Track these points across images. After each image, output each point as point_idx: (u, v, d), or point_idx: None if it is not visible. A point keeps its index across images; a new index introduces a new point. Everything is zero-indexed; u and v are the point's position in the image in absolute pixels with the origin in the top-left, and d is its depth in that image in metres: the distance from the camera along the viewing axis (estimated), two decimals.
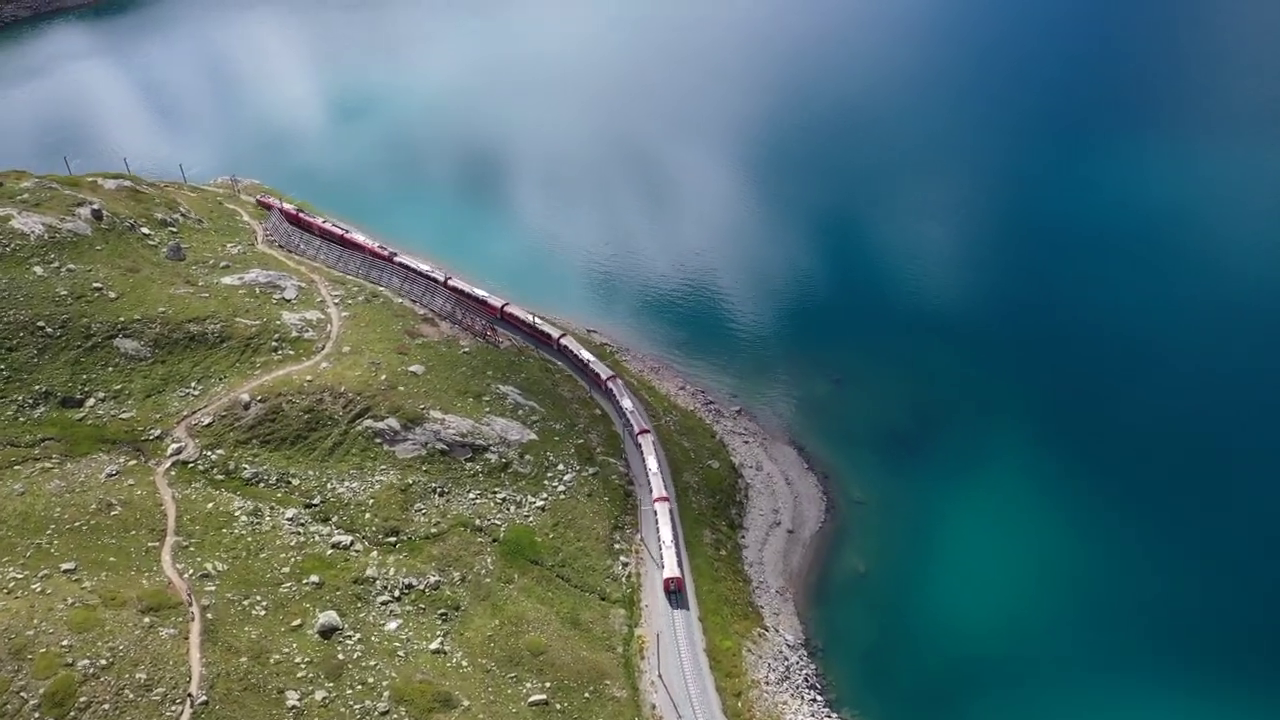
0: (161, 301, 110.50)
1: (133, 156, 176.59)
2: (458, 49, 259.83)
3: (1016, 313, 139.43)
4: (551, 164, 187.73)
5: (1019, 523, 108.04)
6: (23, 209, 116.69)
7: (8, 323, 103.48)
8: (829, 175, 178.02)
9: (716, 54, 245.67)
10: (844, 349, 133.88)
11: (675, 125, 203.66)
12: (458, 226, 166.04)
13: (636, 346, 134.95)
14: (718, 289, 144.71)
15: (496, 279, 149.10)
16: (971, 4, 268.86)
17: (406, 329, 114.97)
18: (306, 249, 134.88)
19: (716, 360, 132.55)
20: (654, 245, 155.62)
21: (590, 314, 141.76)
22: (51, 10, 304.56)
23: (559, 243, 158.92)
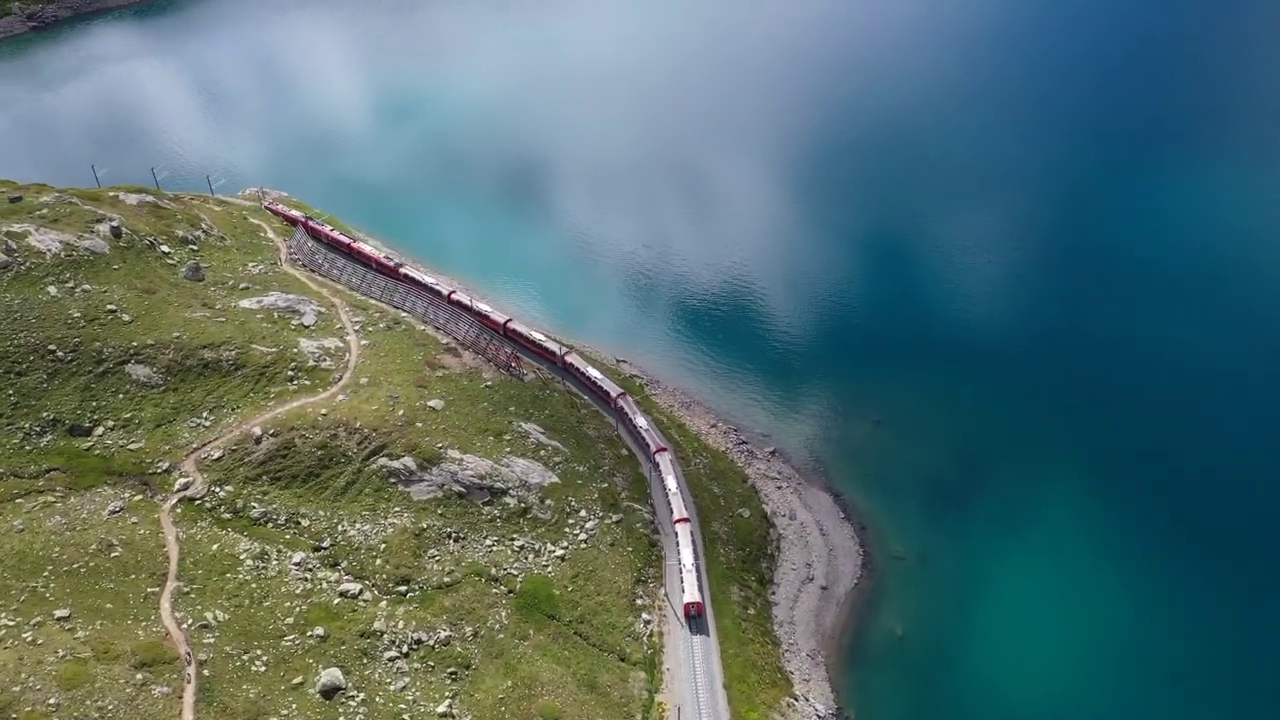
0: (176, 325, 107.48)
1: (163, 164, 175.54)
2: (499, 54, 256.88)
3: (1071, 351, 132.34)
4: (587, 178, 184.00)
5: (1072, 584, 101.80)
6: (41, 225, 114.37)
7: (18, 345, 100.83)
8: (872, 196, 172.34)
9: (761, 61, 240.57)
10: (885, 386, 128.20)
11: (716, 139, 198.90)
12: (487, 243, 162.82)
13: (667, 378, 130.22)
14: (753, 318, 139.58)
15: (525, 300, 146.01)
16: (1030, 12, 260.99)
17: (427, 359, 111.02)
18: (330, 269, 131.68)
19: (750, 395, 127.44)
20: (689, 270, 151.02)
21: (620, 342, 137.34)
22: (92, 10, 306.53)
23: (591, 263, 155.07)
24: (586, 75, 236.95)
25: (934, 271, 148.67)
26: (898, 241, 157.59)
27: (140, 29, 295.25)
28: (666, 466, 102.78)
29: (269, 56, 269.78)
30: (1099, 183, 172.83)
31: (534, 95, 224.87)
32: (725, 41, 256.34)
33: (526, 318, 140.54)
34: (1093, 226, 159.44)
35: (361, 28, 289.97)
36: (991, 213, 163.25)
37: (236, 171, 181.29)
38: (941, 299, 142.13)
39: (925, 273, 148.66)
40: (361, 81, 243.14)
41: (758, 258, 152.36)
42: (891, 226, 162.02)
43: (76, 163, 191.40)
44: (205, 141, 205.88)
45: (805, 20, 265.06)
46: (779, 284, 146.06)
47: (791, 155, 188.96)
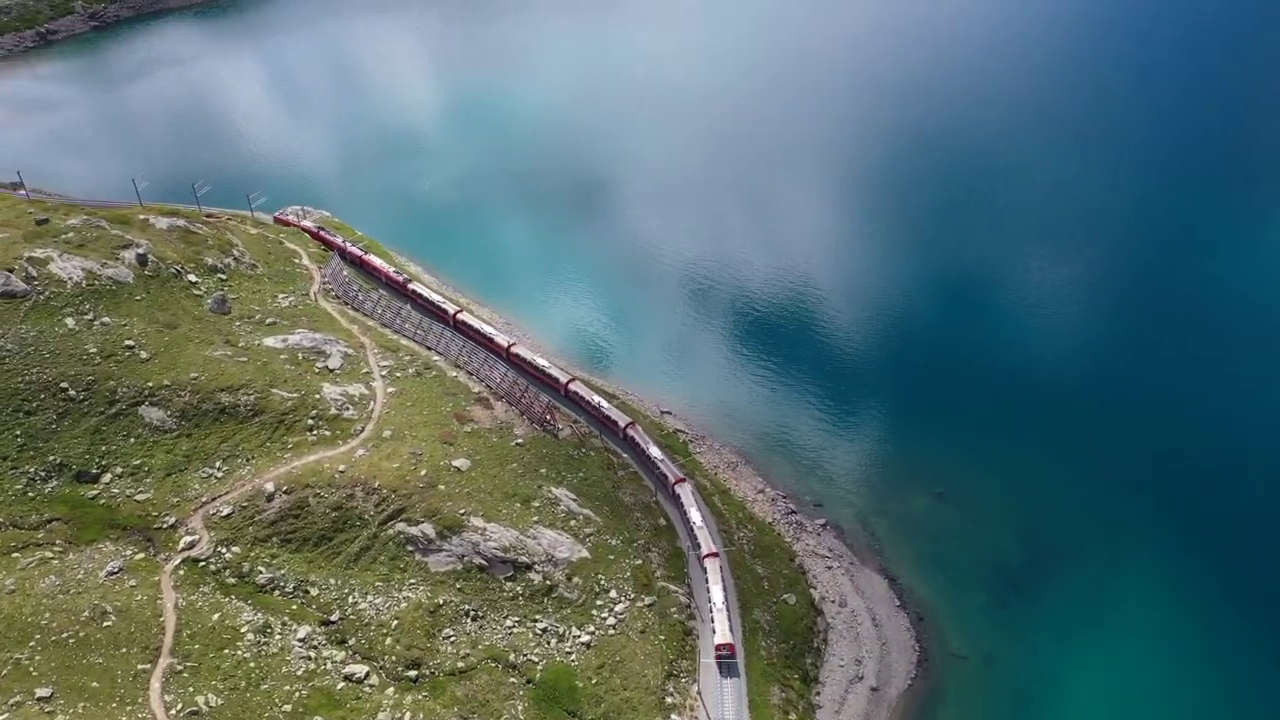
0: (195, 364, 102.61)
1: (207, 177, 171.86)
2: (561, 65, 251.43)
3: (1160, 419, 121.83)
4: (642, 203, 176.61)
5: (1153, 693, 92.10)
6: (65, 250, 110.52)
7: (30, 382, 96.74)
8: (941, 235, 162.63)
9: (829, 80, 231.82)
10: (948, 452, 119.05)
11: (779, 166, 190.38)
12: (534, 272, 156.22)
13: (714, 434, 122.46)
14: (808, 371, 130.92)
15: (572, 341, 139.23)
16: (1116, 40, 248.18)
17: (456, 411, 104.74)
18: (364, 302, 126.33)
19: (802, 457, 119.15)
20: (742, 313, 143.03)
21: (666, 390, 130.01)
22: (154, 10, 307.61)
23: (640, 300, 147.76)
24: (647, 89, 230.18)
25: (1006, 323, 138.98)
26: (967, 288, 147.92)
27: (199, 31, 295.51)
28: (715, 575, 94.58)
29: (324, 63, 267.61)
30: (1192, 226, 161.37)
31: (594, 110, 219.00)
32: (793, 58, 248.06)
33: (564, 356, 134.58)
34: (1184, 275, 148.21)
35: (422, 35, 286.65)
36: (1071, 257, 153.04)
37: (280, 186, 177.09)
38: (1015, 356, 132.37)
39: (997, 325, 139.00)
40: (417, 92, 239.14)
41: (815, 303, 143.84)
42: (961, 270, 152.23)
43: (122, 170, 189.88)
44: (251, 153, 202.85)
45: (876, 41, 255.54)
46: (837, 333, 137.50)
47: (856, 187, 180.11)
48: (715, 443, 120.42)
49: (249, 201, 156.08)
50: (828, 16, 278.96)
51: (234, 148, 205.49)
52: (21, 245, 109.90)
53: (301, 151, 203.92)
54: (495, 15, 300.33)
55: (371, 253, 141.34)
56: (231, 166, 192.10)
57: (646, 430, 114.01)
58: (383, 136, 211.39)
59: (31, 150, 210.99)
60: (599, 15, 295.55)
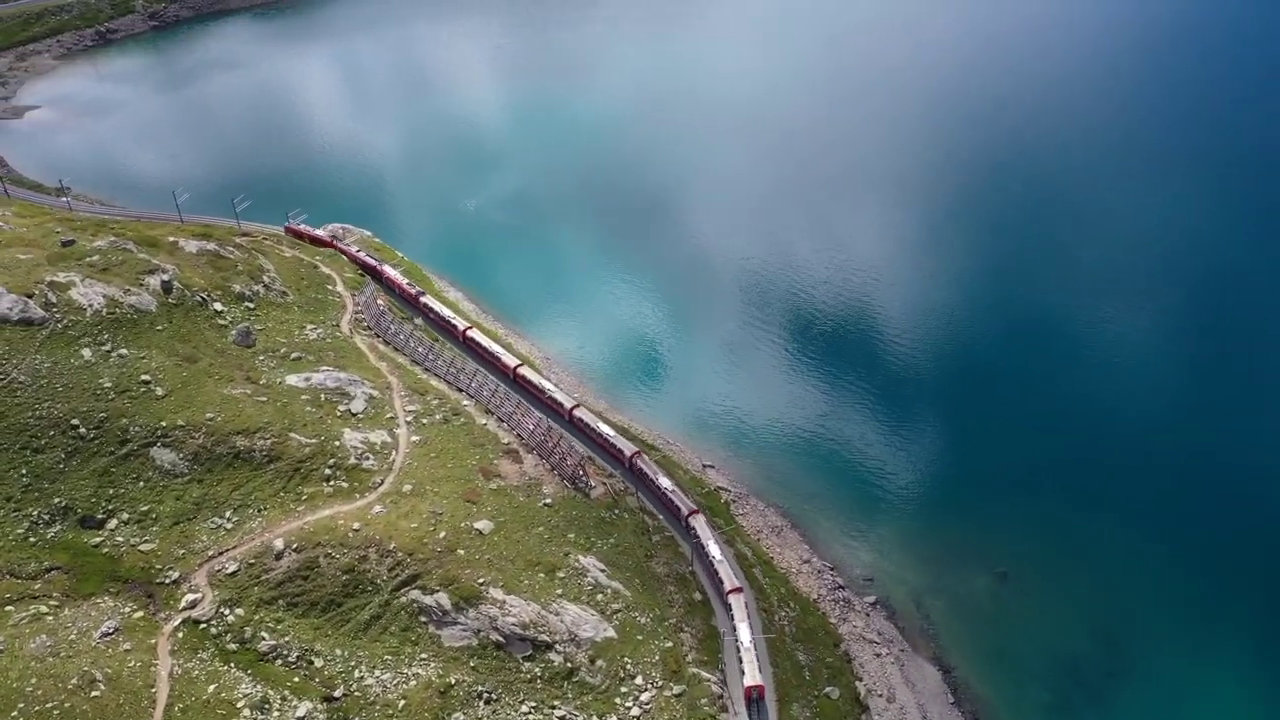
0: (212, 404, 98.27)
1: (250, 189, 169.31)
2: (623, 76, 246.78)
3: (1263, 499, 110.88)
4: (703, 229, 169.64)
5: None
6: (88, 275, 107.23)
7: (40, 417, 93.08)
8: (1012, 274, 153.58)
9: (908, 98, 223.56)
10: (1015, 526, 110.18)
11: (846, 189, 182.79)
12: (580, 308, 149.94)
13: (759, 492, 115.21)
14: (864, 428, 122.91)
15: (615, 382, 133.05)
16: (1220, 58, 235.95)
17: (482, 465, 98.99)
18: (397, 334, 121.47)
19: (853, 523, 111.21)
20: (794, 364, 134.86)
21: (710, 440, 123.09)
22: (213, 10, 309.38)
23: (692, 343, 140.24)
24: (710, 104, 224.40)
25: (1084, 380, 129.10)
26: (1041, 338, 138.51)
27: (256, 33, 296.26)
28: (740, 611, 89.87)
29: (378, 71, 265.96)
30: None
31: (654, 126, 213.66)
32: (866, 74, 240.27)
33: (604, 398, 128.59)
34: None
35: (482, 44, 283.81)
36: (1158, 307, 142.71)
37: (323, 202, 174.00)
38: (1094, 418, 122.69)
39: (1073, 381, 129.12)
40: (473, 104, 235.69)
41: (874, 353, 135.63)
42: (1034, 317, 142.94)
43: (169, 176, 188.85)
44: (296, 165, 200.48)
45: (956, 60, 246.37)
46: (895, 387, 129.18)
47: (923, 219, 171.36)
48: (760, 503, 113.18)
49: (287, 219, 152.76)
50: (906, 31, 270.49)
51: (279, 158, 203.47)
52: (44, 268, 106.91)
53: (348, 165, 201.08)
54: (557, 25, 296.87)
55: (413, 281, 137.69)
56: (275, 179, 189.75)
57: (684, 485, 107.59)
58: (433, 150, 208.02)
59: (82, 152, 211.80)
60: (664, 26, 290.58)
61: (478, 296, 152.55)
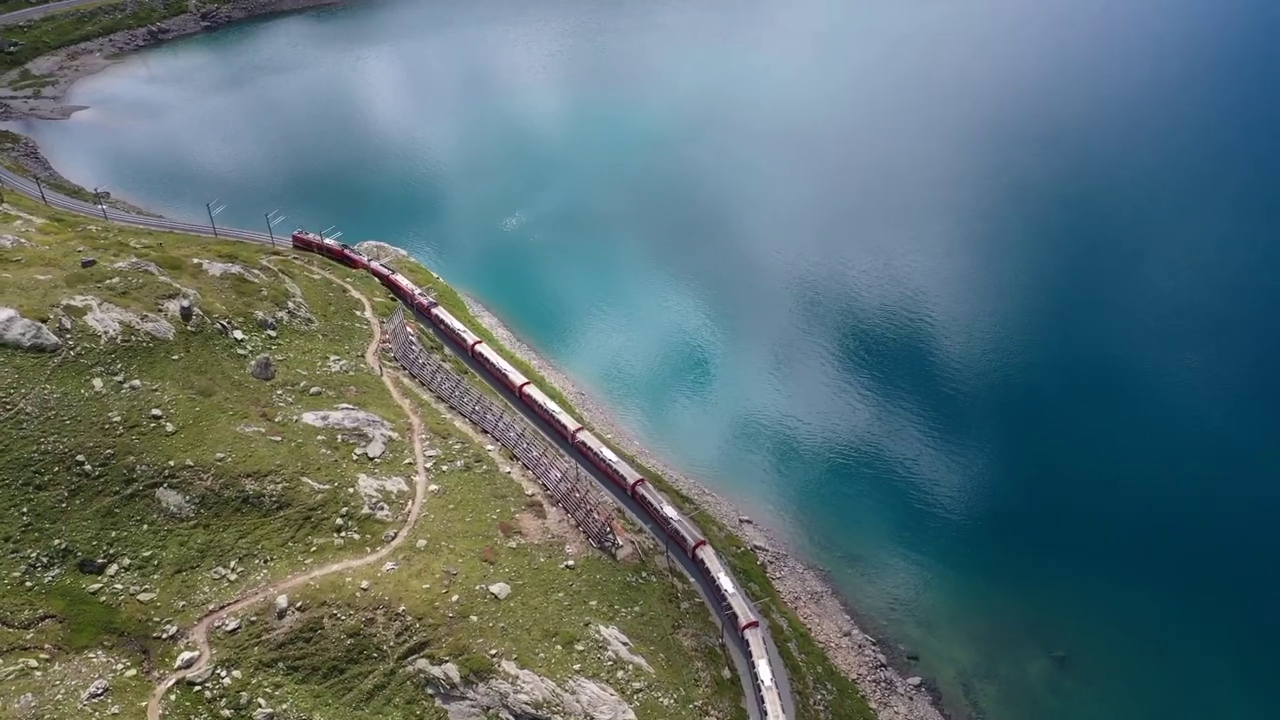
0: (224, 443, 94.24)
1: (286, 203, 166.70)
2: (679, 86, 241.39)
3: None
4: (750, 254, 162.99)
5: None
6: (106, 299, 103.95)
7: (45, 452, 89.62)
8: (1082, 318, 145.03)
9: (971, 116, 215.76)
10: (1077, 603, 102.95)
11: (903, 213, 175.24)
12: (617, 339, 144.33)
13: (799, 552, 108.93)
14: (915, 486, 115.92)
15: (650, 423, 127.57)
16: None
17: (503, 520, 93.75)
18: (424, 367, 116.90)
19: (899, 593, 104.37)
20: (844, 413, 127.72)
21: (750, 493, 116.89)
22: (265, 12, 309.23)
23: (733, 385, 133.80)
24: (766, 117, 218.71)
25: (1159, 441, 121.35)
26: (1114, 388, 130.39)
27: (306, 35, 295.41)
28: (758, 646, 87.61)
29: (425, 78, 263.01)
30: None
31: (705, 140, 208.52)
32: (927, 89, 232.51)
33: (638, 438, 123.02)
34: None
35: (532, 51, 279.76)
36: (1244, 361, 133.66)
37: (360, 217, 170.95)
38: (1168, 486, 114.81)
39: (1146, 442, 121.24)
40: (520, 114, 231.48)
41: (929, 405, 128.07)
42: (1108, 364, 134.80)
43: (207, 185, 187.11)
44: (335, 176, 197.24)
45: (1025, 75, 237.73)
46: (951, 444, 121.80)
47: (984, 252, 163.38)
48: (798, 565, 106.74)
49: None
50: (974, 47, 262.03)
51: (318, 168, 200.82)
52: (62, 290, 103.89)
53: (387, 177, 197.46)
54: (610, 34, 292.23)
55: (425, 290, 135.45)
56: (312, 190, 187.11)
57: (718, 545, 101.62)
58: (477, 163, 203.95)
59: (125, 156, 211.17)
60: (719, 37, 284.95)
61: (513, 323, 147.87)
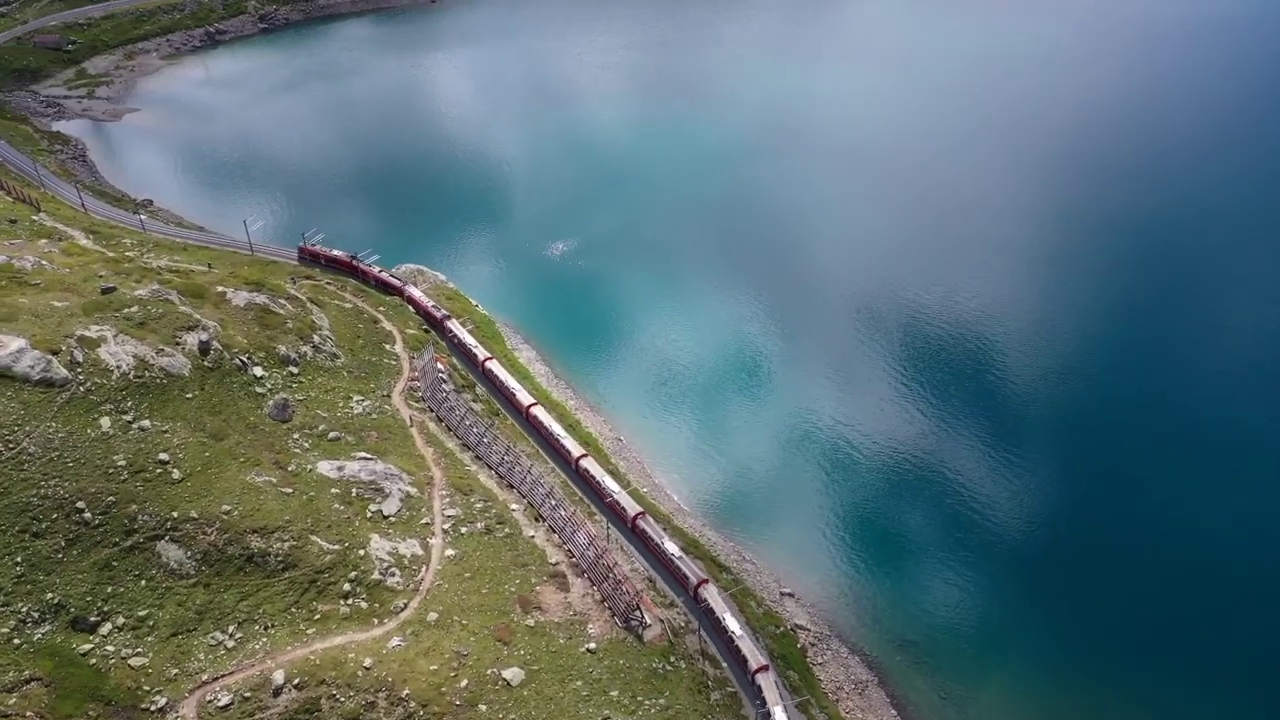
0: (231, 494, 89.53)
1: (323, 221, 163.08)
2: (751, 99, 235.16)
3: None
4: (815, 293, 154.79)
5: None
6: (122, 330, 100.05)
7: (45, 497, 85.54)
8: (1176, 379, 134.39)
9: (1045, 142, 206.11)
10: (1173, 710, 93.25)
11: (978, 251, 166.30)
12: (664, 376, 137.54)
13: (844, 633, 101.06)
14: (977, 567, 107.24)
15: (690, 470, 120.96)
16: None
17: (522, 592, 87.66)
18: (453, 410, 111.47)
19: (954, 687, 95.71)
20: (907, 476, 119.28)
21: (794, 560, 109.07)
22: (323, 15, 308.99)
23: (783, 433, 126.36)
24: (831, 135, 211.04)
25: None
26: (1227, 474, 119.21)
27: (362, 40, 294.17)
28: (771, 692, 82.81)
29: (479, 88, 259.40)
30: None
31: (770, 161, 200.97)
32: (1004, 111, 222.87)
33: (677, 490, 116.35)
34: None
35: (595, 61, 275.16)
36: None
37: (401, 237, 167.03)
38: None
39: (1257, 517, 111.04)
40: (576, 127, 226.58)
41: (1003, 468, 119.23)
42: (1209, 432, 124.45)
43: (251, 195, 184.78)
44: (380, 191, 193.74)
45: (1114, 101, 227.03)
46: (1023, 514, 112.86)
47: (1065, 295, 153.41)
48: (843, 648, 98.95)
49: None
50: (1054, 66, 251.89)
51: (362, 183, 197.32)
52: (77, 319, 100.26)
53: (431, 194, 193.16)
54: (671, 47, 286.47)
55: (438, 303, 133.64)
56: (355, 205, 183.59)
57: (753, 621, 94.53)
58: (525, 181, 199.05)
59: (172, 161, 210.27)
60: (783, 52, 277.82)
61: (552, 357, 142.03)
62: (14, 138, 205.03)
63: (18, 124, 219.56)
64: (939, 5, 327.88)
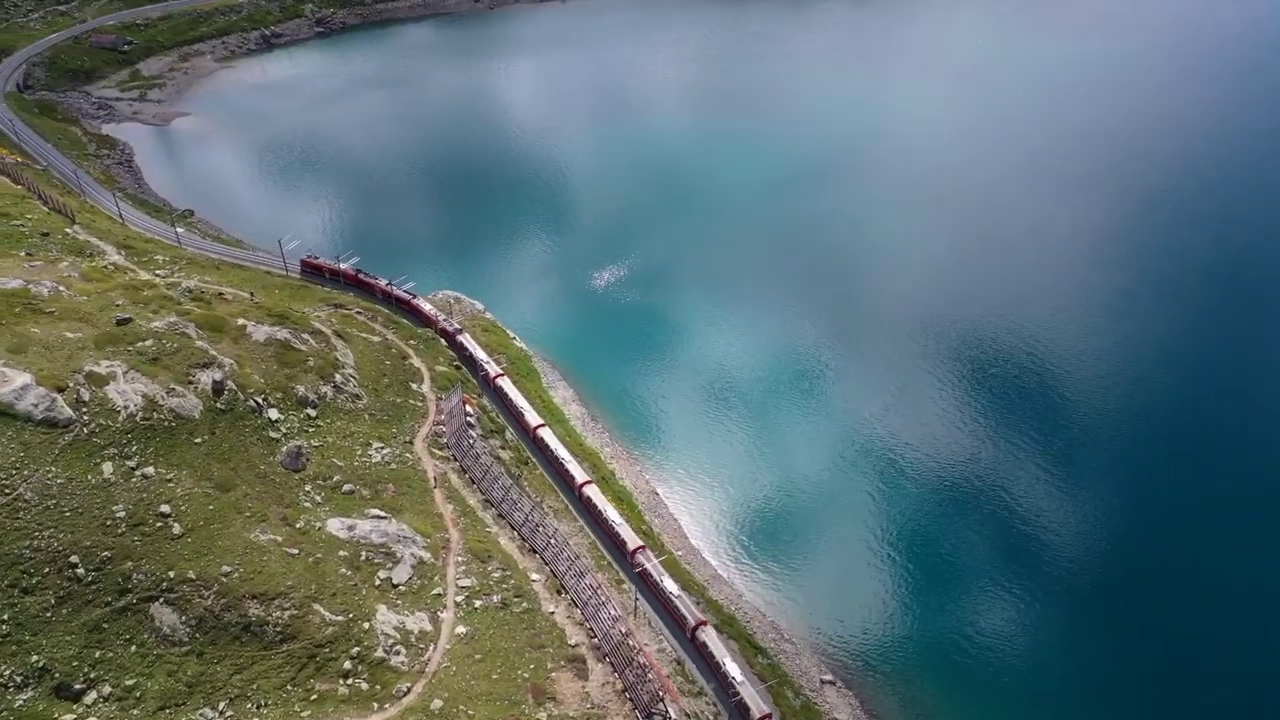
0: (233, 553, 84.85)
1: (361, 241, 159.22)
2: (813, 120, 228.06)
3: None
4: (876, 346, 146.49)
5: None
6: (134, 366, 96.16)
7: (38, 549, 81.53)
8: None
9: (1147, 180, 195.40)
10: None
11: (1054, 295, 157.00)
12: (714, 426, 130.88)
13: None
14: (1037, 657, 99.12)
15: (729, 527, 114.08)
16: None
17: (536, 680, 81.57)
18: (478, 460, 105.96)
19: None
20: (964, 556, 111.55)
21: (838, 643, 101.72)
22: (381, 19, 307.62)
23: (831, 503, 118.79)
24: (901, 159, 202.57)
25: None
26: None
27: (417, 45, 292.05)
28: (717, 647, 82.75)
29: (533, 100, 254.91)
30: None
31: (835, 185, 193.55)
32: (1091, 147, 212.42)
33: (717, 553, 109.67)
34: None
35: (652, 73, 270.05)
36: None
37: (441, 263, 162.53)
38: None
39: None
40: (632, 144, 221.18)
41: (1064, 551, 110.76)
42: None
43: (289, 211, 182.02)
44: (421, 212, 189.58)
45: (1208, 135, 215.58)
46: (1087, 597, 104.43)
47: (1148, 355, 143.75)
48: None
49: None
50: (1144, 93, 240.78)
51: (405, 200, 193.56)
52: (88, 353, 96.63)
53: (478, 215, 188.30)
54: (734, 60, 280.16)
55: (449, 317, 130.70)
56: (396, 225, 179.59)
57: (789, 716, 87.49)
58: (574, 203, 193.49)
59: (217, 170, 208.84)
60: (853, 69, 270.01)
61: (590, 399, 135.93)
62: (61, 141, 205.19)
63: (68, 125, 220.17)
64: (1021, 22, 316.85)
